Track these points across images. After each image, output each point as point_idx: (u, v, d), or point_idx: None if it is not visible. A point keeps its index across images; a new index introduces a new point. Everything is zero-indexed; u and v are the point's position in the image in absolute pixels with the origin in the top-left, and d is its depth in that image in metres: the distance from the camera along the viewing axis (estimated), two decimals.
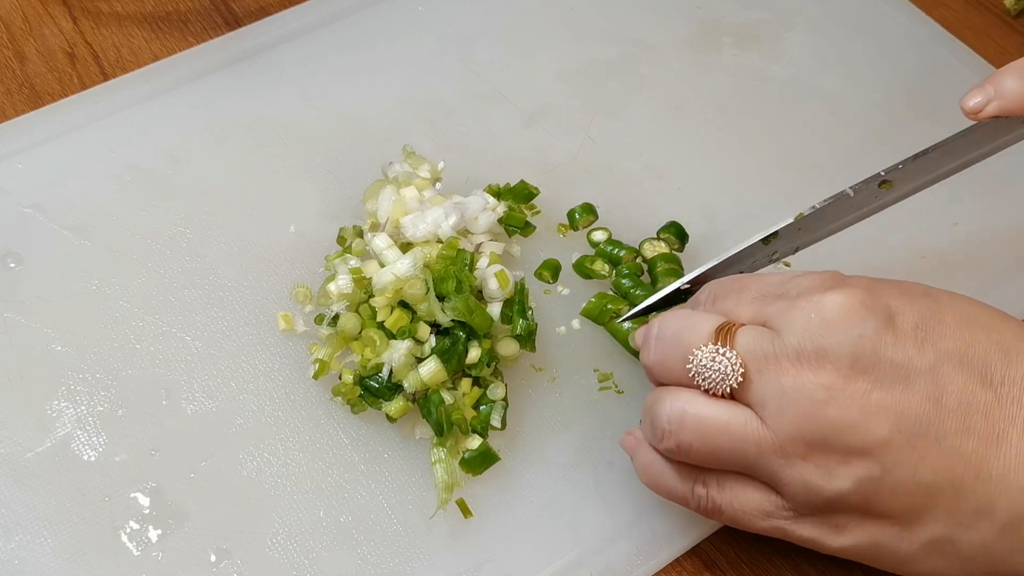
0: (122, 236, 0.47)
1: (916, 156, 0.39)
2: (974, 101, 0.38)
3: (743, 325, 0.35)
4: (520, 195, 0.47)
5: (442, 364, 0.41)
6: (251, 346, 0.44)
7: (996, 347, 0.33)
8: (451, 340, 0.41)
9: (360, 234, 0.45)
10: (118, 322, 0.44)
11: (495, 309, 0.43)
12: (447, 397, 0.41)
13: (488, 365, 0.42)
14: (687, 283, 0.39)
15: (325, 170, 0.50)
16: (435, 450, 0.41)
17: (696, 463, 0.36)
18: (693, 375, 0.34)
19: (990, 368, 0.32)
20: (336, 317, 0.43)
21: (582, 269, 0.46)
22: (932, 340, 0.33)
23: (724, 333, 0.34)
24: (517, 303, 0.43)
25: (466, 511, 0.40)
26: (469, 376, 0.42)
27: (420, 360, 0.41)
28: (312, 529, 0.40)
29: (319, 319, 0.44)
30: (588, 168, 0.50)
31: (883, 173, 0.39)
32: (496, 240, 0.46)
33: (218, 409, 0.42)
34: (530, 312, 0.43)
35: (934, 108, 0.53)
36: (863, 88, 0.54)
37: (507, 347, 0.43)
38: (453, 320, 0.41)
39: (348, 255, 0.44)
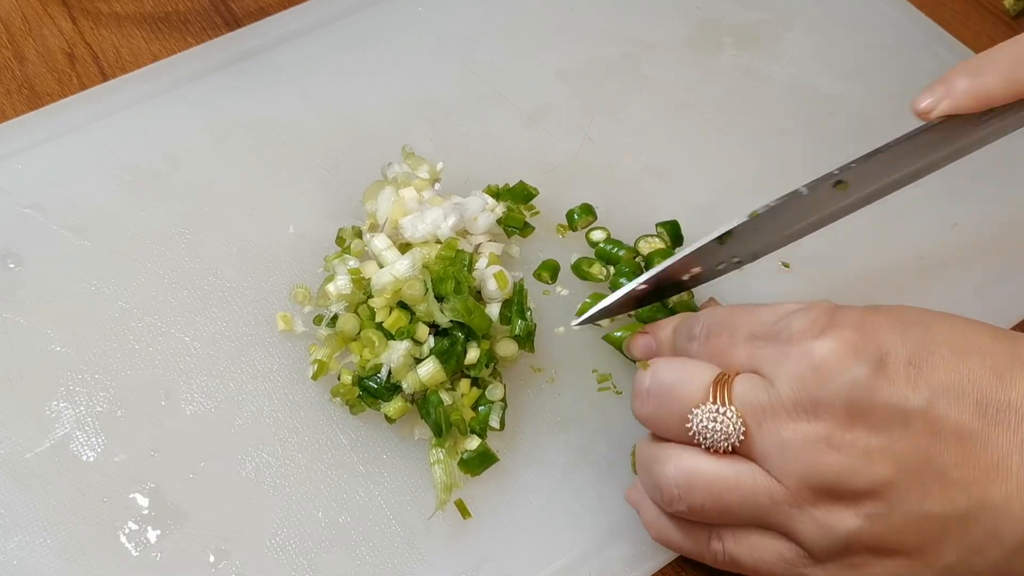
0: (122, 236, 0.47)
1: (869, 155, 0.38)
2: (925, 102, 0.38)
3: (738, 374, 0.35)
4: (519, 196, 0.47)
5: (441, 365, 0.41)
6: (250, 347, 0.44)
7: (990, 372, 0.32)
8: (450, 341, 0.41)
9: (359, 235, 0.45)
10: (117, 322, 0.44)
11: (494, 310, 0.43)
12: (446, 398, 0.41)
13: (487, 366, 0.42)
14: (643, 283, 0.39)
15: (324, 170, 0.50)
16: (434, 451, 0.41)
17: (707, 521, 0.36)
18: (694, 434, 0.34)
19: (985, 396, 0.32)
20: (335, 318, 0.43)
21: (579, 271, 0.46)
22: (925, 375, 0.32)
23: (720, 386, 0.34)
24: (516, 304, 0.43)
25: (465, 512, 0.40)
26: (468, 377, 0.42)
27: (419, 361, 0.41)
28: (311, 530, 0.40)
29: (318, 320, 0.44)
30: (588, 168, 0.50)
31: (836, 172, 0.38)
32: (495, 241, 0.46)
33: (217, 410, 0.42)
34: (529, 313, 0.43)
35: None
36: (863, 88, 0.54)
37: (506, 348, 0.43)
38: (452, 321, 0.41)
39: (347, 256, 0.44)
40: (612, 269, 0.46)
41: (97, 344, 0.44)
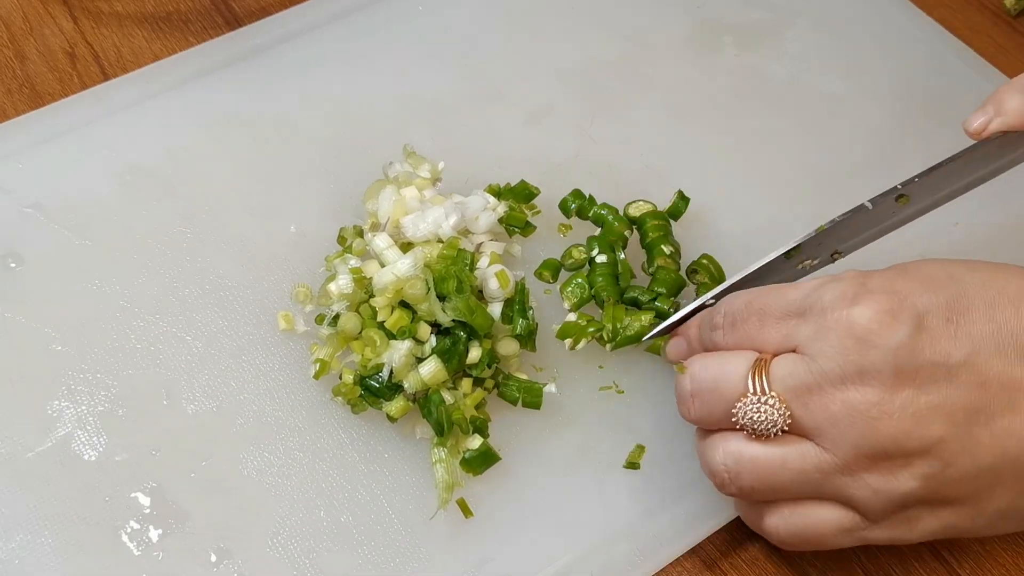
0: (123, 235, 0.47)
1: (930, 169, 0.39)
2: (977, 122, 0.39)
3: (774, 357, 0.35)
4: (520, 195, 0.47)
5: (442, 364, 0.41)
6: (251, 346, 0.44)
7: None
8: (452, 340, 0.41)
9: (360, 234, 0.45)
10: (118, 321, 0.44)
11: (496, 309, 0.43)
12: (447, 397, 0.41)
13: (488, 365, 0.42)
14: (711, 298, 0.40)
15: (325, 170, 0.50)
16: (435, 450, 0.41)
17: (762, 500, 0.36)
18: (740, 426, 0.35)
19: (1023, 343, 0.33)
20: (336, 317, 0.43)
21: (562, 260, 0.46)
22: (964, 329, 0.33)
23: (758, 374, 0.35)
24: (517, 303, 0.43)
25: (466, 511, 0.40)
26: (469, 376, 0.42)
27: (420, 360, 0.41)
28: (312, 529, 0.40)
29: (319, 319, 0.44)
30: (589, 167, 0.50)
31: (900, 187, 0.39)
32: (496, 240, 0.46)
33: (218, 409, 0.42)
34: (530, 312, 0.43)
35: (934, 108, 0.53)
36: (863, 88, 0.54)
37: (507, 347, 0.43)
38: (454, 320, 0.41)
39: (348, 255, 0.44)
40: (596, 251, 0.45)
41: (98, 343, 0.44)
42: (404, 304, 0.42)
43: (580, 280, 0.44)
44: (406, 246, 0.44)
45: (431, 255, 0.43)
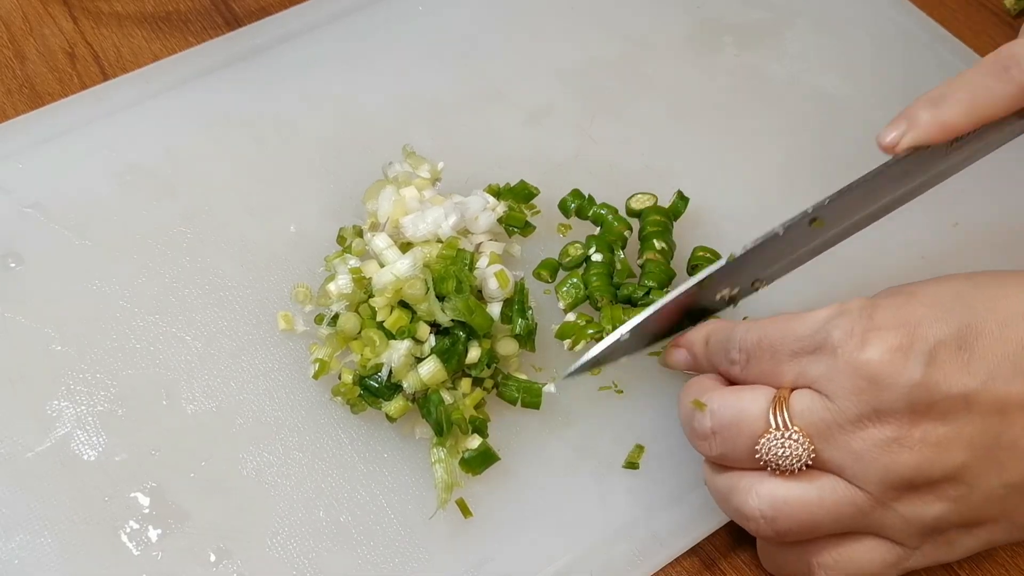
0: (122, 235, 0.47)
1: (841, 191, 0.38)
2: (889, 137, 0.38)
3: (792, 392, 0.35)
4: (520, 195, 0.47)
5: (442, 364, 0.41)
6: (251, 346, 0.44)
7: None
8: (451, 340, 0.41)
9: (360, 234, 0.45)
10: (118, 322, 0.44)
11: (495, 309, 0.43)
12: (447, 397, 0.41)
13: (488, 365, 0.42)
14: (626, 333, 0.38)
15: (325, 170, 0.50)
16: (435, 450, 0.41)
17: (797, 540, 0.36)
18: (764, 464, 0.35)
19: None
20: (336, 317, 0.43)
21: (559, 258, 0.46)
22: (978, 357, 0.33)
23: (779, 410, 0.35)
24: (517, 303, 0.43)
25: (466, 511, 0.40)
26: (469, 376, 0.42)
27: (420, 360, 0.41)
28: (312, 529, 0.40)
29: (319, 319, 0.44)
30: (588, 167, 0.50)
31: (811, 210, 0.39)
32: (496, 240, 0.46)
33: (218, 409, 0.42)
34: (530, 312, 0.43)
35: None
36: (863, 88, 0.54)
37: (507, 347, 0.43)
38: (453, 320, 0.41)
39: (348, 255, 0.44)
40: (593, 250, 0.45)
41: (98, 343, 0.44)
42: (403, 304, 0.42)
43: (575, 280, 0.44)
44: (405, 246, 0.44)
45: (430, 255, 0.43)
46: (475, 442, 0.41)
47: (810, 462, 0.34)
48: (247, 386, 0.43)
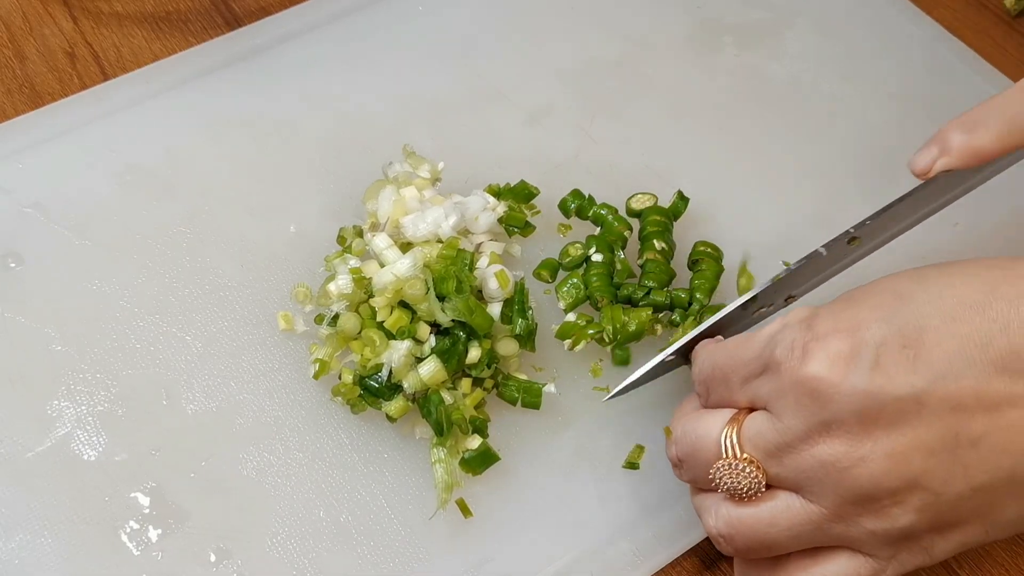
0: (122, 236, 0.47)
1: (880, 211, 0.39)
2: (922, 163, 0.38)
3: (749, 413, 0.34)
4: (520, 195, 0.47)
5: (442, 364, 0.41)
6: (251, 346, 0.44)
7: (992, 325, 0.31)
8: (451, 340, 0.41)
9: (360, 234, 0.46)
10: (118, 322, 0.44)
11: (495, 309, 0.43)
12: (447, 397, 0.41)
13: (488, 365, 0.42)
14: (671, 355, 0.39)
15: (325, 170, 0.50)
16: (435, 450, 0.41)
17: (764, 558, 0.36)
18: (720, 490, 0.35)
19: (996, 351, 0.31)
20: (336, 317, 0.43)
21: (560, 258, 0.46)
22: (924, 354, 0.31)
23: (731, 433, 0.34)
24: (517, 303, 0.43)
25: (466, 511, 0.40)
26: (469, 376, 0.42)
27: (420, 360, 0.41)
28: (312, 529, 0.40)
29: (319, 319, 0.44)
30: (588, 167, 0.51)
31: (852, 230, 0.39)
32: (496, 240, 0.46)
33: (218, 409, 0.43)
34: (530, 312, 0.43)
35: (934, 108, 0.53)
36: (863, 88, 0.54)
37: (507, 347, 0.43)
38: (453, 320, 0.41)
39: (348, 255, 0.44)
40: (593, 250, 0.45)
41: (98, 343, 0.44)
42: (404, 304, 0.42)
43: (575, 280, 0.44)
44: (405, 246, 0.44)
45: (431, 255, 0.43)
46: (475, 442, 0.41)
47: (763, 489, 0.33)
48: (247, 386, 0.43)
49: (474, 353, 0.42)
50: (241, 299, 0.46)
